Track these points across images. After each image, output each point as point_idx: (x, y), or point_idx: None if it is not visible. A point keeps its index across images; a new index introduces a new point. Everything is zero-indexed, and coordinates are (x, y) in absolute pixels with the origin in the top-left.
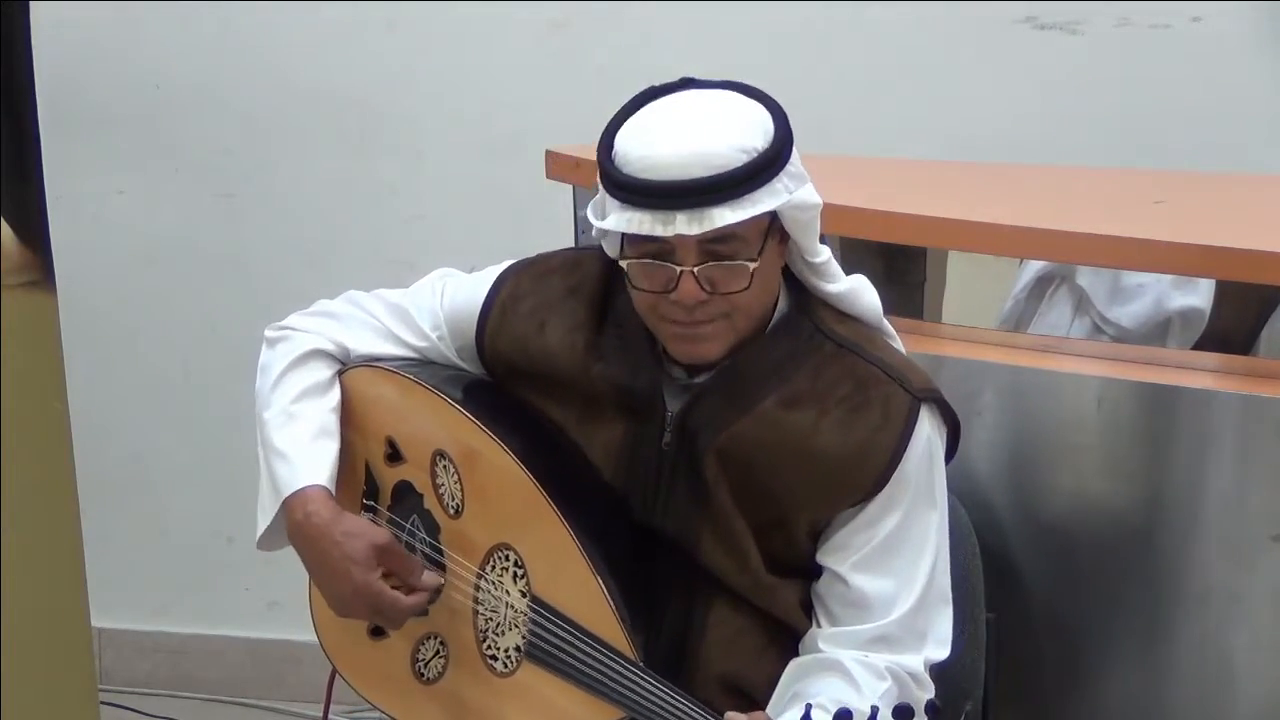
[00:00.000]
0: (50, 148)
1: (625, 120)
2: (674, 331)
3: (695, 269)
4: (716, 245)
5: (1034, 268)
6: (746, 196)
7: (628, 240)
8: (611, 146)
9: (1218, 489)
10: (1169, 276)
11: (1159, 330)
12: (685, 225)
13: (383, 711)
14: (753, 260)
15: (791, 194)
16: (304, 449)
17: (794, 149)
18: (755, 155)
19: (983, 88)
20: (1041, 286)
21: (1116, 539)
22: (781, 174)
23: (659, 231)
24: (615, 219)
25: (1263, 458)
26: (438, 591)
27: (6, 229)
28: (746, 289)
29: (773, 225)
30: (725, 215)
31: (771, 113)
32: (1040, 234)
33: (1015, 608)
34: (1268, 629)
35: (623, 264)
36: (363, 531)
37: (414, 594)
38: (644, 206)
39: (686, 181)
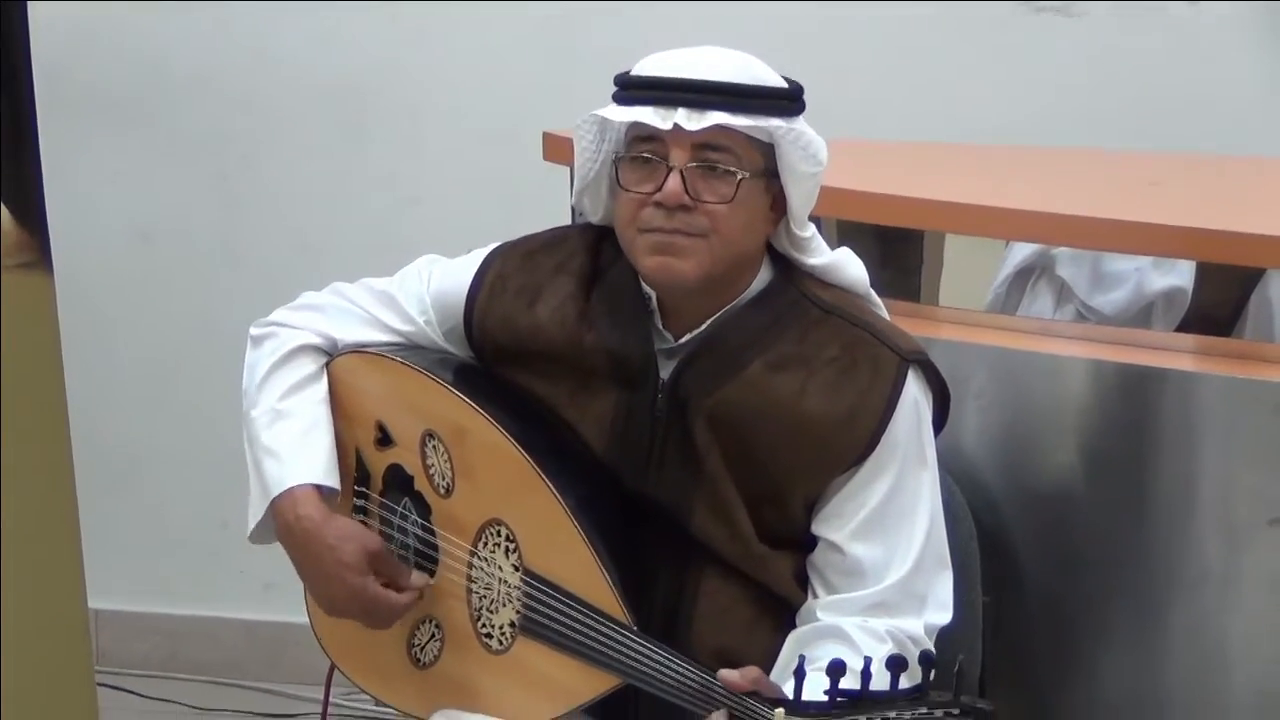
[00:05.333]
0: (46, 129)
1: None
2: (651, 241)
3: (684, 168)
4: (709, 152)
5: (1013, 260)
6: (750, 111)
7: (626, 145)
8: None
9: (1212, 473)
10: (1149, 259)
11: (1142, 315)
12: (684, 120)
13: (380, 700)
14: (742, 171)
15: (801, 132)
16: (293, 445)
17: (805, 123)
18: (766, 84)
19: (979, 70)
20: (1022, 279)
21: (1112, 522)
22: (790, 115)
23: (657, 123)
24: (617, 111)
25: (1253, 440)
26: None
27: (4, 210)
28: (730, 202)
29: (768, 179)
30: (725, 117)
31: (790, 82)
32: (1036, 217)
33: (1011, 590)
34: (1263, 612)
35: (616, 164)
36: (355, 535)
37: (403, 593)
38: (647, 102)
39: (693, 80)
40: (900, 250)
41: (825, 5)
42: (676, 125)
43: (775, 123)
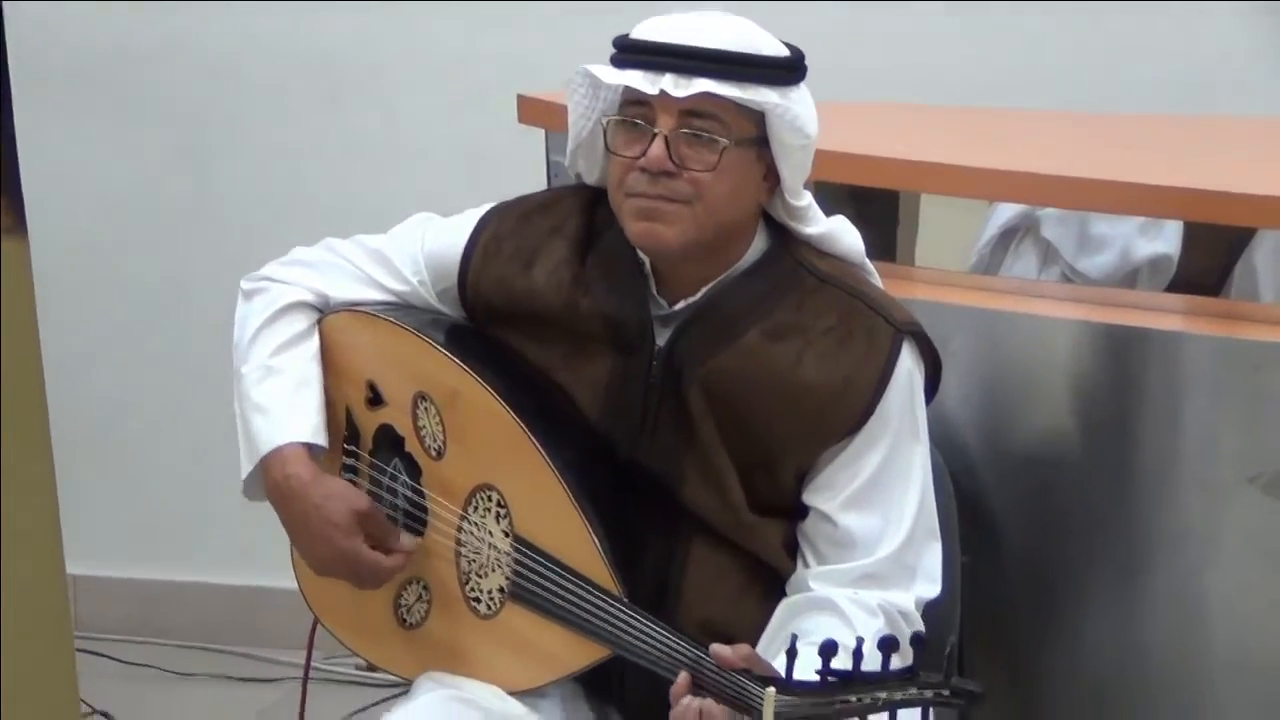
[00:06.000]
0: (18, 102)
1: None
2: (636, 206)
3: (669, 133)
4: (695, 119)
5: (998, 221)
6: (738, 80)
7: (618, 108)
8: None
9: (1191, 432)
10: (1136, 224)
11: (1128, 280)
12: (671, 86)
13: (365, 658)
14: (727, 139)
15: (788, 106)
16: (283, 403)
17: (807, 91)
18: (758, 53)
19: (955, 31)
20: (1006, 240)
21: (1091, 482)
22: (784, 86)
23: (645, 88)
24: (608, 73)
25: (1235, 400)
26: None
27: None
28: (714, 170)
29: (760, 148)
30: (712, 84)
31: (792, 50)
32: (1012, 176)
33: (990, 551)
34: (1242, 571)
35: (604, 123)
36: (343, 495)
37: (392, 555)
38: (637, 66)
39: (683, 45)
40: (877, 211)
41: None
42: (663, 91)
43: (766, 93)
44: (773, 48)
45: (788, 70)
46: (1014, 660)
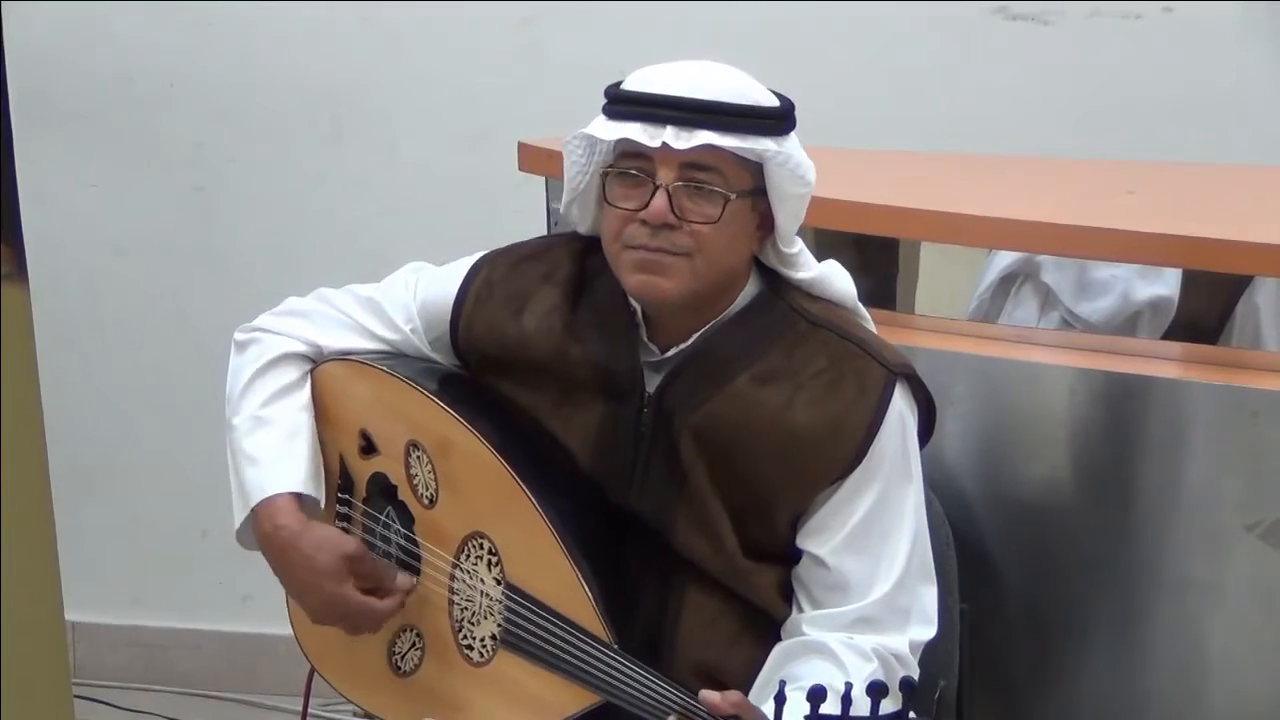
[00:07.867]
0: (21, 141)
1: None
2: (635, 258)
3: (670, 186)
4: (696, 172)
5: (997, 267)
6: (739, 132)
7: (614, 159)
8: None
9: (1191, 479)
10: (1135, 267)
11: (1128, 323)
12: (673, 138)
13: (360, 707)
14: (728, 191)
15: (789, 154)
16: (274, 453)
17: (797, 140)
18: (756, 104)
19: (954, 79)
20: (1006, 285)
21: (1091, 529)
22: (780, 135)
23: (645, 140)
24: (605, 127)
25: (1235, 448)
26: (410, 591)
27: None
28: (715, 223)
29: (756, 198)
30: (713, 136)
31: (781, 100)
32: (1012, 225)
33: (989, 598)
34: (1242, 618)
35: (604, 178)
36: (331, 541)
37: (387, 598)
38: (636, 118)
39: (683, 98)
40: (877, 258)
41: (796, 16)
42: (665, 144)
43: (765, 143)
44: (766, 98)
45: (781, 119)
46: (1014, 708)
